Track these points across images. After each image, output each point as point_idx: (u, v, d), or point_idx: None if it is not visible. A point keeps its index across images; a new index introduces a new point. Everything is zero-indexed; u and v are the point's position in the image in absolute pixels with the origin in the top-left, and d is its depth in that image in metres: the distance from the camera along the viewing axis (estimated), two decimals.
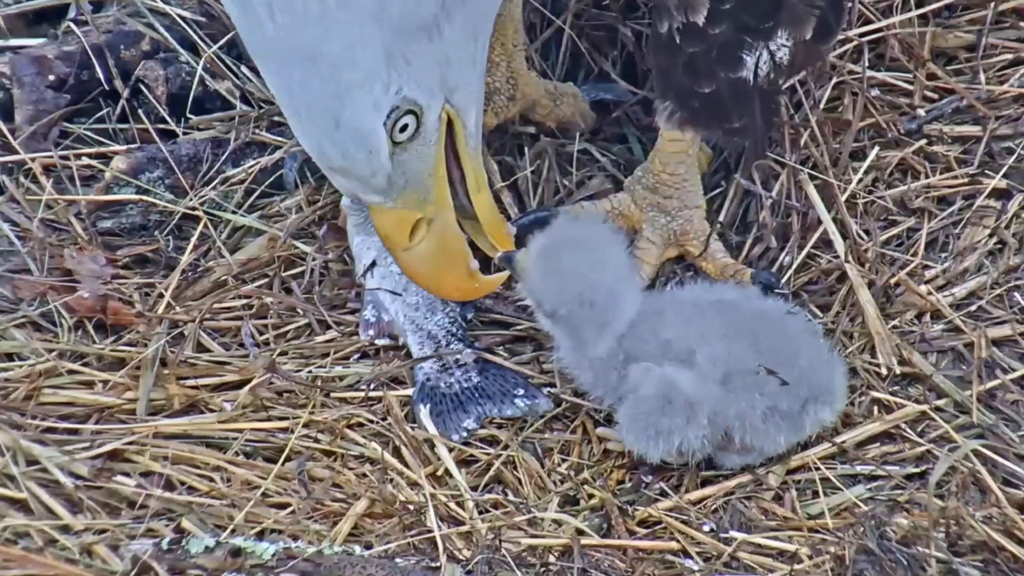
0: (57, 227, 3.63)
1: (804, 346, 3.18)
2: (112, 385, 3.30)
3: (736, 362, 3.10)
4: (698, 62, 3.25)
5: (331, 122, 3.00)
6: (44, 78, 3.85)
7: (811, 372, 3.14)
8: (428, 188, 3.14)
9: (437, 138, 3.11)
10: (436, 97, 3.08)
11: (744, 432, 3.12)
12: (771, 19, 3.26)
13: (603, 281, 3.17)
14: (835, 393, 3.16)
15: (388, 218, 3.16)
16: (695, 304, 3.21)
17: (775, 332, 3.18)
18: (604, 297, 3.16)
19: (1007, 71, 3.87)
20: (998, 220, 3.56)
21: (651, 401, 3.12)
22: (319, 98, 2.99)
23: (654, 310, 3.20)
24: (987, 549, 2.99)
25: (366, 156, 3.04)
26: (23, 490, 3.04)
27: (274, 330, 3.46)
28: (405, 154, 3.07)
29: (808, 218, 3.54)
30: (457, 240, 3.22)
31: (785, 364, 3.11)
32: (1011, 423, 3.22)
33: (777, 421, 3.12)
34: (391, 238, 3.18)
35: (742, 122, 3.34)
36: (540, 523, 3.09)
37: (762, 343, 3.13)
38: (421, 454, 3.21)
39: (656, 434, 3.11)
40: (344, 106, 2.98)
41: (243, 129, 3.76)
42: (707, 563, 3.03)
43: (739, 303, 3.23)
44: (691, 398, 3.10)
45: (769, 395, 3.10)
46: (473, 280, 3.25)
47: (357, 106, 2.99)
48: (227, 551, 2.92)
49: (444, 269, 3.22)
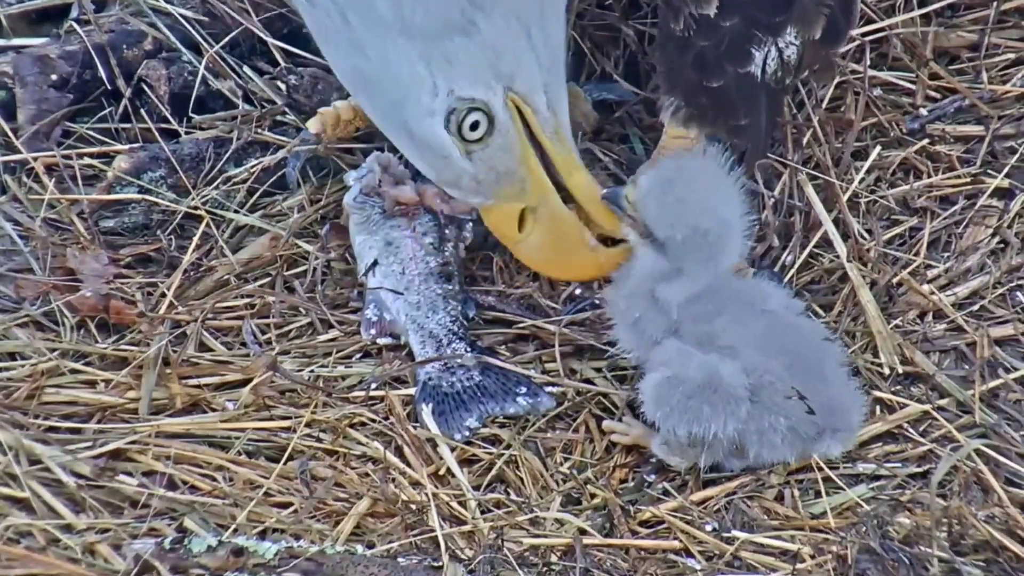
0: (59, 226, 3.63)
1: (834, 376, 3.17)
2: (114, 384, 3.30)
3: (768, 378, 3.09)
4: (707, 56, 3.26)
5: (405, 137, 3.08)
6: (47, 77, 3.85)
7: (835, 404, 3.13)
8: (523, 178, 3.16)
9: (513, 128, 3.12)
10: (495, 89, 3.09)
11: (760, 446, 3.12)
12: (781, 14, 3.26)
13: (719, 212, 3.16)
14: (851, 430, 3.16)
15: (494, 215, 3.21)
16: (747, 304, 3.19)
17: (811, 355, 3.16)
18: (719, 228, 3.15)
19: (1010, 71, 3.87)
20: (1000, 219, 3.56)
21: (692, 384, 3.09)
22: (389, 119, 3.07)
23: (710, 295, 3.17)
24: (989, 549, 2.99)
25: (444, 163, 3.09)
26: (25, 489, 3.04)
27: (276, 329, 3.46)
28: (488, 151, 3.10)
29: (810, 217, 3.54)
30: (567, 221, 3.23)
31: (813, 391, 3.10)
32: (1013, 422, 3.22)
33: (792, 441, 3.12)
34: (502, 234, 3.22)
35: (748, 120, 3.34)
36: (542, 522, 3.09)
37: (796, 365, 3.12)
38: (423, 453, 3.21)
39: (691, 420, 3.09)
40: (407, 120, 3.04)
41: (245, 128, 3.76)
42: (709, 562, 3.03)
43: (782, 316, 3.20)
44: (734, 391, 3.08)
45: (793, 418, 3.10)
46: (596, 256, 3.26)
47: (414, 118, 3.04)
48: (229, 550, 2.92)
49: (562, 253, 3.25)
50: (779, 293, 3.27)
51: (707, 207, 3.15)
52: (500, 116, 3.10)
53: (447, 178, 3.14)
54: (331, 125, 3.61)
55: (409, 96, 3.03)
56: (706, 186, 3.18)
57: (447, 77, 3.03)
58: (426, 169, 3.15)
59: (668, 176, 3.19)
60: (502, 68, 3.09)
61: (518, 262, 3.48)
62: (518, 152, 3.14)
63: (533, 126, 3.17)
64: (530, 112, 3.15)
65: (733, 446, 3.11)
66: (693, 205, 3.14)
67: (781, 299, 3.25)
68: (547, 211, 3.20)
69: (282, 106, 3.80)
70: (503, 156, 3.12)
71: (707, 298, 3.16)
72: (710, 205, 3.15)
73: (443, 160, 3.10)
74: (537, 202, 3.19)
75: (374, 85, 3.04)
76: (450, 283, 3.45)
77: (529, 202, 3.18)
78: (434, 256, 3.47)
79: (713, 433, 3.08)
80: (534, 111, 3.15)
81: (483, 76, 3.07)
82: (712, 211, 3.15)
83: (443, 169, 3.12)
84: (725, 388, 3.08)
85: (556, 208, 3.21)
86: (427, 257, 3.47)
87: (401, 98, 3.04)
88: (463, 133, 3.06)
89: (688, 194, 3.16)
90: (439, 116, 3.05)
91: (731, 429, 3.08)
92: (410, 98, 3.03)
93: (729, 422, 3.08)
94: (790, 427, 3.10)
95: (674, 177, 3.19)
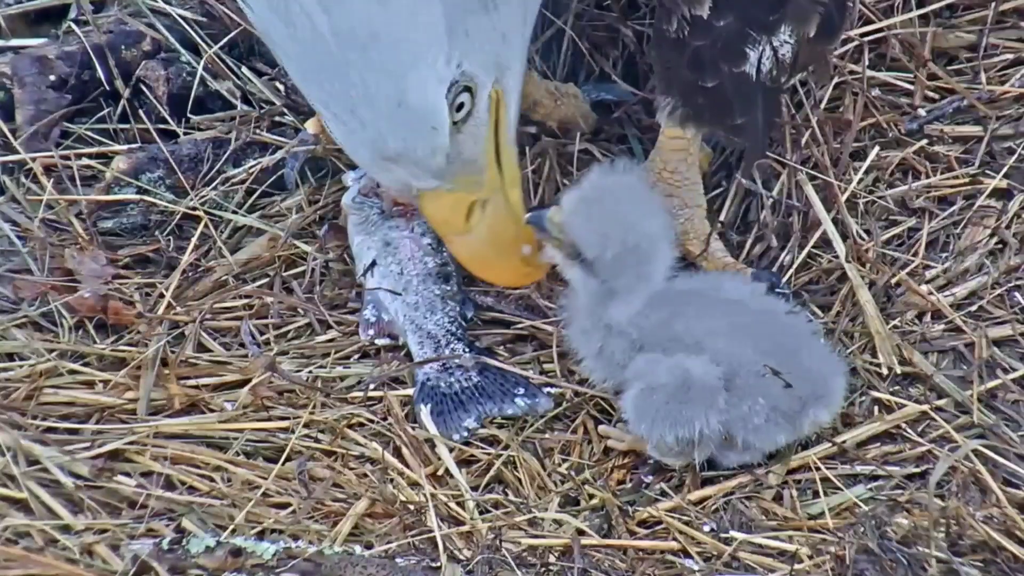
0: (58, 227, 3.63)
1: (805, 346, 3.18)
2: (113, 385, 3.30)
3: (739, 363, 3.10)
4: (703, 56, 3.26)
5: (392, 103, 2.97)
6: (45, 78, 3.85)
7: (812, 373, 3.14)
8: (481, 170, 3.12)
9: (488, 120, 3.10)
10: (490, 75, 3.06)
11: (747, 432, 3.12)
12: (776, 13, 3.26)
13: (645, 227, 3.16)
14: (834, 395, 3.16)
15: (443, 202, 3.13)
16: (702, 297, 3.20)
17: (777, 331, 3.18)
18: (647, 243, 3.15)
19: (1008, 71, 3.87)
20: (999, 220, 3.56)
21: (666, 390, 3.10)
22: (380, 81, 2.96)
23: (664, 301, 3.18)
24: (987, 549, 2.98)
25: (428, 134, 3.01)
26: (24, 490, 3.04)
27: (275, 330, 3.46)
28: (460, 135, 3.06)
29: (809, 217, 3.54)
30: (511, 222, 3.20)
31: (786, 365, 3.11)
32: (1012, 423, 3.22)
33: (778, 420, 3.12)
34: (448, 222, 3.16)
35: (744, 120, 3.34)
36: (540, 523, 3.09)
37: (764, 343, 3.13)
38: (421, 454, 3.21)
39: (674, 423, 3.10)
40: (408, 82, 2.96)
41: (244, 129, 3.76)
42: (707, 563, 3.03)
43: (742, 302, 3.22)
44: (708, 384, 3.09)
45: (772, 396, 3.10)
46: (526, 264, 3.24)
47: (421, 80, 2.97)
48: (227, 551, 2.92)
49: (499, 253, 3.22)
50: (735, 281, 3.28)
51: (632, 222, 3.14)
52: (482, 104, 3.07)
53: (419, 153, 3.03)
54: None
55: (426, 57, 2.96)
56: (629, 201, 3.17)
57: (462, 49, 2.98)
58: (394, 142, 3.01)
59: (592, 195, 3.17)
60: (502, 58, 3.07)
61: None
62: (483, 144, 3.11)
63: (501, 126, 3.14)
64: (504, 110, 3.13)
65: (722, 437, 3.11)
66: (619, 222, 3.14)
67: (740, 286, 3.26)
68: (495, 208, 3.17)
69: (280, 107, 3.80)
70: (472, 144, 3.09)
71: (660, 304, 3.16)
72: (635, 220, 3.15)
73: (428, 132, 3.01)
74: (488, 197, 3.15)
75: (384, 40, 2.93)
76: (448, 284, 3.45)
77: (482, 195, 3.14)
78: (432, 257, 3.47)
79: (699, 431, 3.09)
80: (507, 111, 3.13)
81: (488, 59, 3.04)
82: (638, 226, 3.14)
83: (421, 141, 3.02)
84: (698, 384, 3.09)
85: (504, 207, 3.18)
86: (425, 258, 3.47)
87: (416, 58, 2.96)
88: (451, 111, 3.03)
89: (613, 211, 3.15)
90: (445, 84, 2.99)
91: (715, 422, 3.09)
92: (426, 59, 2.96)
93: (711, 416, 3.08)
94: (771, 406, 3.10)
95: (598, 196, 3.17)
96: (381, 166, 3.08)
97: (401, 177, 3.10)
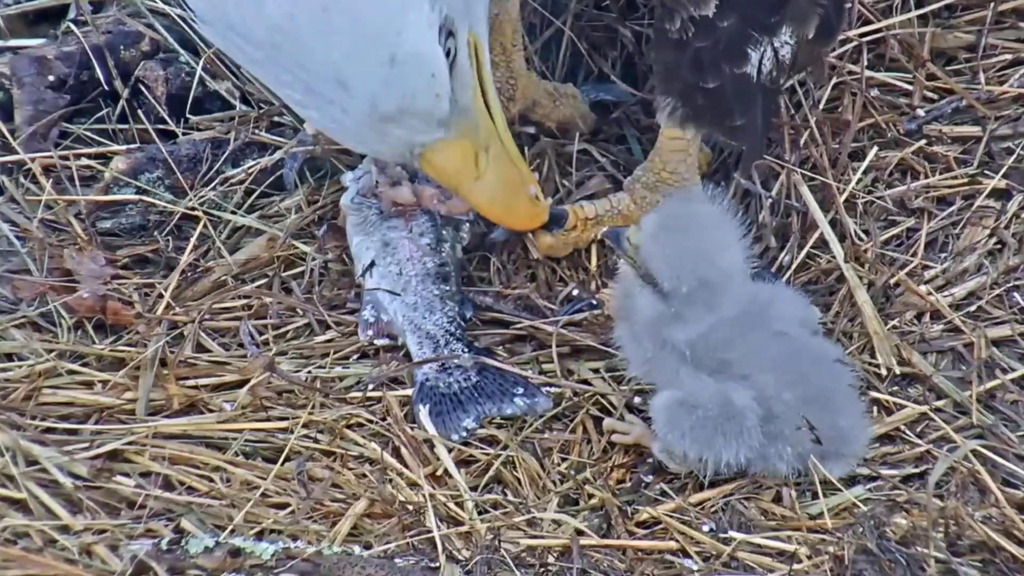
0: (57, 227, 3.63)
1: (844, 403, 3.15)
2: (112, 385, 3.30)
3: (780, 408, 3.09)
4: (704, 57, 3.26)
5: (385, 60, 2.92)
6: (44, 78, 3.85)
7: (844, 432, 3.13)
8: (475, 116, 3.10)
9: (471, 64, 3.07)
10: (463, 20, 3.03)
11: (764, 467, 3.13)
12: (777, 13, 3.27)
13: (722, 262, 3.13)
14: (853, 456, 3.15)
15: (452, 152, 3.09)
16: (760, 331, 3.16)
17: (824, 381, 3.15)
18: (722, 278, 3.12)
19: (1007, 71, 3.88)
20: (997, 220, 3.56)
21: (706, 413, 3.09)
22: (368, 41, 2.91)
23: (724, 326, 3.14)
24: (986, 549, 2.99)
25: (428, 82, 2.97)
26: (23, 490, 3.04)
27: (273, 330, 3.46)
28: (453, 80, 3.02)
29: (807, 218, 3.54)
30: (515, 162, 3.19)
31: (823, 418, 3.09)
32: (1010, 423, 3.22)
33: (795, 466, 3.13)
34: (461, 171, 3.12)
35: (744, 120, 3.35)
36: (539, 523, 3.09)
37: (810, 390, 3.11)
38: (420, 454, 3.21)
39: (703, 447, 3.10)
40: (400, 33, 2.91)
41: (243, 129, 3.76)
42: (706, 563, 3.03)
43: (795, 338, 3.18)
44: (747, 423, 3.09)
45: (798, 443, 3.10)
46: (535, 206, 3.23)
47: (412, 28, 2.93)
48: (226, 551, 2.92)
49: (511, 195, 3.21)
50: (792, 307, 3.24)
51: (711, 257, 3.12)
52: (464, 50, 3.04)
53: (422, 105, 2.98)
54: None
55: (412, 3, 2.93)
56: (708, 234, 3.14)
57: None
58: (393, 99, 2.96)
59: (672, 224, 3.14)
60: (472, 5, 3.04)
61: (515, 263, 3.49)
62: (473, 89, 3.08)
63: (483, 71, 3.11)
64: (483, 55, 3.10)
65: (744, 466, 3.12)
66: (698, 256, 3.12)
67: (795, 315, 3.22)
68: (498, 151, 3.14)
69: (279, 107, 3.80)
70: (462, 90, 3.05)
71: (720, 329, 3.13)
72: (713, 255, 3.12)
73: (428, 80, 2.96)
74: (487, 142, 3.13)
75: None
76: (447, 284, 3.45)
77: (481, 141, 3.12)
78: (431, 257, 3.47)
79: (725, 461, 3.09)
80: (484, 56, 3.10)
81: (459, 4, 3.00)
82: (715, 261, 3.12)
83: (422, 91, 2.97)
84: (739, 419, 3.09)
85: (507, 147, 3.16)
86: (424, 258, 3.47)
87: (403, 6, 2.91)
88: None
89: (693, 244, 3.13)
90: (435, 28, 2.95)
91: (743, 456, 3.09)
92: (413, 5, 2.93)
93: (741, 451, 3.09)
94: (796, 454, 3.10)
95: (678, 226, 3.14)
96: (378, 133, 3.01)
97: (401, 138, 3.03)
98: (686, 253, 3.12)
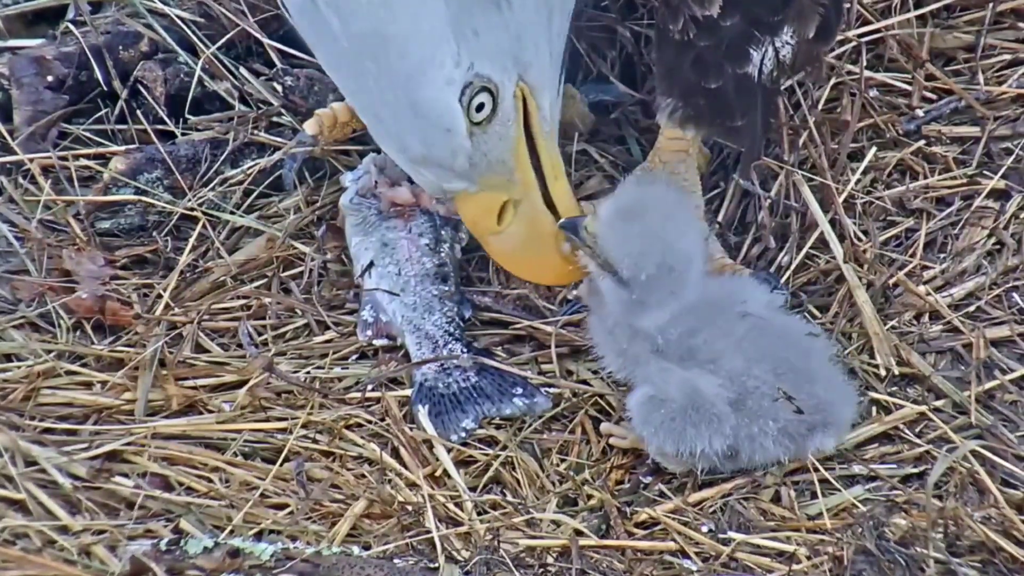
0: (55, 228, 3.63)
1: (821, 372, 3.15)
2: (110, 386, 3.30)
3: (754, 384, 3.09)
4: (706, 57, 3.27)
5: (408, 108, 2.97)
6: (43, 79, 3.85)
7: (824, 401, 3.13)
8: (511, 170, 3.12)
9: (515, 118, 3.09)
10: (510, 74, 3.05)
11: (752, 450, 3.12)
12: (780, 13, 3.27)
13: (681, 246, 3.12)
14: (842, 423, 3.15)
15: (474, 204, 3.14)
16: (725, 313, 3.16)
17: (795, 354, 3.15)
18: (682, 263, 3.12)
19: (1006, 72, 3.87)
20: (996, 221, 3.56)
21: (673, 405, 3.10)
22: (394, 85, 2.96)
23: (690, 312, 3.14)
24: (985, 550, 2.99)
25: (444, 136, 3.01)
26: (21, 491, 3.04)
27: (272, 330, 3.46)
28: (485, 135, 3.05)
29: (806, 218, 3.54)
30: (546, 221, 3.19)
31: (800, 389, 3.09)
32: (1009, 424, 3.22)
33: (784, 442, 3.12)
34: (479, 223, 3.16)
35: (744, 121, 3.35)
36: (539, 524, 3.09)
37: (781, 365, 3.11)
38: (420, 455, 3.21)
39: (677, 439, 3.10)
40: (418, 86, 2.96)
41: (242, 130, 3.76)
42: (706, 564, 3.03)
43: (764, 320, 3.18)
44: (716, 409, 3.09)
45: (781, 419, 3.10)
46: (566, 263, 3.22)
47: (430, 83, 2.97)
48: (225, 552, 2.92)
49: (536, 253, 3.21)
50: (757, 291, 3.25)
51: (669, 242, 3.11)
52: (506, 103, 3.06)
53: (440, 155, 3.03)
54: (328, 127, 3.61)
55: (433, 59, 2.95)
56: (664, 218, 3.13)
57: (471, 50, 2.97)
58: (415, 146, 3.02)
59: (627, 209, 3.14)
60: (522, 54, 3.05)
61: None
62: (513, 143, 3.11)
63: (533, 122, 3.13)
64: (534, 107, 3.11)
65: (729, 454, 3.11)
66: (655, 242, 3.11)
67: (760, 297, 3.23)
68: (529, 207, 3.16)
69: (278, 107, 3.80)
70: (499, 144, 3.08)
71: (687, 314, 3.14)
72: (671, 240, 3.11)
73: (444, 135, 3.01)
74: (521, 196, 3.15)
75: (393, 44, 2.93)
76: (446, 284, 3.45)
77: (514, 195, 3.14)
78: (430, 257, 3.47)
79: (700, 451, 3.09)
80: (538, 107, 3.12)
81: (504, 59, 3.02)
82: (674, 246, 3.11)
83: (439, 144, 3.02)
84: (707, 407, 3.09)
85: (538, 206, 3.17)
86: (423, 258, 3.47)
87: (422, 61, 2.95)
88: (469, 112, 3.03)
89: (648, 230, 3.11)
90: (456, 87, 2.98)
91: (717, 445, 3.09)
92: (433, 62, 2.96)
93: (715, 440, 3.09)
94: (780, 429, 3.10)
95: (633, 211, 3.13)
96: (412, 168, 3.10)
97: (430, 179, 3.11)
98: (642, 238, 3.11)
